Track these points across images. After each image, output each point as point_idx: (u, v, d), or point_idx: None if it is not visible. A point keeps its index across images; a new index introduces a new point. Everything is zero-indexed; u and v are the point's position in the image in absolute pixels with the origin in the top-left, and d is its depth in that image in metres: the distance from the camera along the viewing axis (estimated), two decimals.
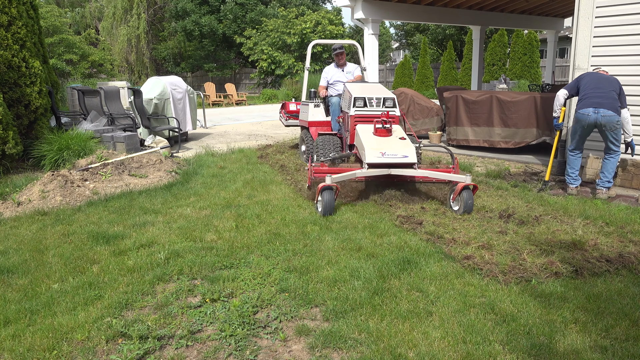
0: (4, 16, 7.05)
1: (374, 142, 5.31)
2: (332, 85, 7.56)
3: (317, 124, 7.49)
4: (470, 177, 4.85)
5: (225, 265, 3.70)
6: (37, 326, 2.87)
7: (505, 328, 2.77)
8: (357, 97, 5.89)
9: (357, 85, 6.34)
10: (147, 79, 10.71)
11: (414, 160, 5.09)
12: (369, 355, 2.54)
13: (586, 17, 6.07)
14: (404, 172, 5.12)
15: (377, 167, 5.11)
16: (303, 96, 8.20)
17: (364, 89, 6.17)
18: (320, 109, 7.55)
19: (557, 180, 6.15)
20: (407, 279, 3.38)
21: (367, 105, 5.89)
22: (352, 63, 7.78)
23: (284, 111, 9.09)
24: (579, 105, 5.50)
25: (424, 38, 26.95)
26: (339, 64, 7.58)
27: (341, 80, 7.44)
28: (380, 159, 5.05)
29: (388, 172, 5.09)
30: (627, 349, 2.57)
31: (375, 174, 5.11)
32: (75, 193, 5.67)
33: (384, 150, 5.11)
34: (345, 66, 7.62)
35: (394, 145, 5.24)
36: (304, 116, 7.76)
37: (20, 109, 7.38)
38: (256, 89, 28.16)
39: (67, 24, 25.71)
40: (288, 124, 8.79)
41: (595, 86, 5.41)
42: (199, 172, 6.97)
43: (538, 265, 3.56)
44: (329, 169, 5.45)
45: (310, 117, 7.49)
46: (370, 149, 5.15)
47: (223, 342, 2.71)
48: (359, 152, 5.53)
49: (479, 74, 14.50)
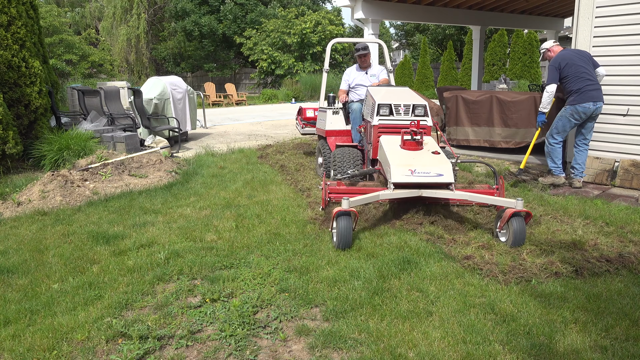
0: (3, 16, 7.05)
1: (401, 157, 4.46)
2: (354, 89, 6.67)
3: (335, 134, 6.62)
4: (522, 202, 4.00)
5: (225, 265, 3.70)
6: (37, 326, 2.87)
7: (505, 328, 2.77)
8: (382, 104, 5.05)
9: (381, 90, 5.50)
10: (147, 79, 10.71)
11: (450, 179, 4.22)
12: (369, 355, 2.54)
13: (586, 17, 6.07)
14: (439, 195, 4.30)
15: (405, 188, 4.30)
16: (321, 101, 7.23)
17: (390, 94, 5.34)
18: (339, 117, 6.68)
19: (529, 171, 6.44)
20: (407, 279, 3.38)
21: (393, 114, 5.05)
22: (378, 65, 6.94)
23: (300, 118, 8.21)
24: (577, 98, 5.56)
25: (423, 38, 26.96)
26: (363, 66, 6.63)
27: (364, 84, 6.54)
28: (409, 177, 4.21)
29: (418, 193, 4.27)
30: (627, 349, 2.57)
31: (403, 195, 4.28)
32: (75, 193, 5.67)
33: (414, 167, 4.25)
34: (370, 68, 6.67)
35: (426, 160, 4.38)
36: (321, 124, 6.88)
37: (20, 109, 7.38)
38: (256, 89, 28.17)
39: (67, 24, 25.71)
40: (304, 132, 7.96)
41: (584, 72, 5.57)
42: (199, 172, 6.97)
43: (538, 265, 3.56)
44: (348, 189, 4.82)
45: (329, 126, 6.62)
46: (397, 165, 4.30)
47: (223, 342, 2.71)
48: (383, 168, 4.71)
49: (479, 74, 14.51)
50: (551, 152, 5.86)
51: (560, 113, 5.75)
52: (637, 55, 5.75)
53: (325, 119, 6.66)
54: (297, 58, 25.12)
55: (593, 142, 6.06)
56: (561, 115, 5.73)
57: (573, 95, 5.58)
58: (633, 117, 5.84)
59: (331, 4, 35.16)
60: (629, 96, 5.84)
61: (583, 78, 5.53)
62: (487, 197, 4.34)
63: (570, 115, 5.62)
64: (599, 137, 6.08)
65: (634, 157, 5.83)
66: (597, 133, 6.10)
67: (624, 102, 5.88)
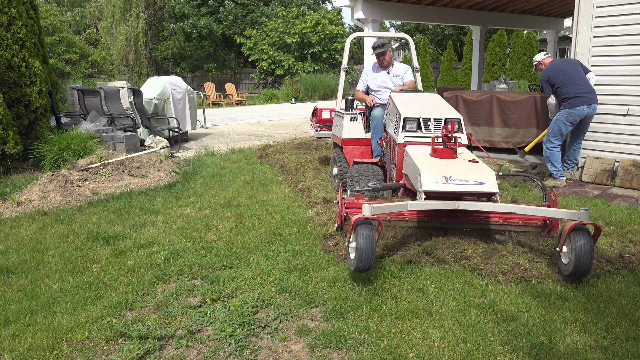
0: (3, 16, 7.04)
1: (433, 163, 3.77)
2: (374, 92, 5.81)
3: (353, 143, 5.79)
4: (588, 212, 3.25)
5: (225, 265, 3.70)
6: (37, 326, 2.87)
7: (505, 328, 2.77)
8: (408, 118, 4.31)
9: (406, 98, 4.75)
10: (147, 79, 10.71)
11: (494, 188, 3.46)
12: (369, 355, 2.54)
13: (586, 17, 6.06)
14: (480, 207, 3.51)
15: (439, 198, 3.58)
16: (337, 104, 6.35)
17: (417, 104, 4.60)
18: (358, 123, 5.79)
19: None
20: (407, 279, 3.37)
21: (421, 129, 4.32)
22: (401, 63, 6.02)
23: (315, 119, 7.59)
24: (571, 102, 5.65)
25: (423, 38, 26.95)
26: (383, 65, 5.78)
27: (387, 86, 5.72)
28: (443, 185, 3.48)
29: (455, 206, 3.47)
30: (627, 349, 2.57)
31: (435, 207, 3.54)
32: (75, 193, 5.67)
33: (449, 174, 3.53)
34: (392, 67, 5.80)
35: (463, 168, 3.66)
36: (337, 131, 6.05)
37: (20, 109, 7.38)
38: (256, 89, 28.14)
39: (67, 24, 25.71)
40: (320, 135, 7.29)
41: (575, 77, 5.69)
42: (199, 172, 6.97)
43: (538, 266, 3.56)
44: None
45: (345, 134, 5.75)
46: (429, 171, 3.59)
47: (223, 342, 2.71)
48: (410, 179, 3.98)
49: (479, 74, 14.50)
50: (550, 156, 5.91)
51: (556, 117, 5.86)
52: (637, 55, 5.75)
53: (342, 126, 5.81)
54: (297, 58, 25.09)
55: (593, 142, 6.08)
56: (556, 119, 5.83)
57: (567, 101, 5.70)
58: (633, 117, 5.84)
59: (331, 3, 35.16)
60: (629, 96, 5.84)
61: (574, 83, 5.66)
62: (541, 210, 3.58)
63: (565, 119, 5.73)
64: (599, 137, 6.08)
65: (634, 157, 5.83)
66: (597, 133, 6.11)
67: (624, 102, 5.89)
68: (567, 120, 5.72)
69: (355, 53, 30.18)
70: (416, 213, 3.83)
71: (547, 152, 5.94)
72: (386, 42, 5.64)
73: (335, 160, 5.96)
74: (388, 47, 5.65)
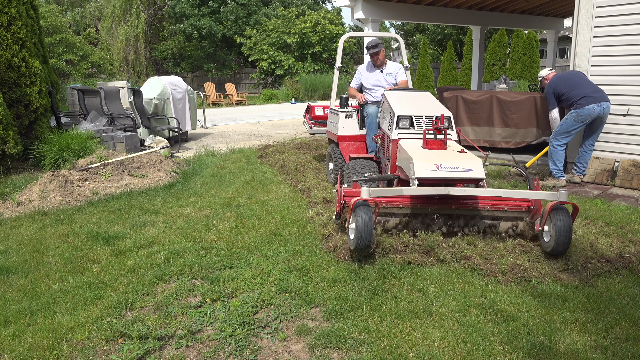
0: (3, 16, 7.04)
1: (425, 153, 4.11)
2: (368, 90, 6.05)
3: (348, 139, 6.03)
4: (566, 193, 3.56)
5: (225, 265, 3.70)
6: (37, 326, 2.87)
7: (505, 328, 2.77)
8: (402, 116, 4.64)
9: (399, 97, 5.04)
10: (147, 79, 10.71)
11: (481, 174, 3.79)
12: (369, 355, 2.54)
13: (586, 17, 6.07)
14: (469, 192, 3.82)
15: (431, 185, 3.88)
16: (332, 101, 6.60)
17: (410, 102, 4.89)
18: (352, 120, 6.01)
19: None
20: (407, 279, 3.38)
21: (414, 126, 4.65)
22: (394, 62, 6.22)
23: (309, 116, 7.74)
24: (581, 102, 5.64)
25: (423, 38, 26.95)
26: (377, 64, 6.00)
27: (380, 84, 5.96)
28: (434, 172, 3.79)
29: (446, 191, 3.76)
30: (627, 349, 2.57)
31: (427, 193, 3.81)
32: (75, 193, 5.67)
33: (440, 162, 3.87)
34: (385, 66, 6.03)
35: (453, 157, 4.02)
36: (332, 128, 6.32)
37: (20, 109, 7.38)
38: (256, 89, 28.15)
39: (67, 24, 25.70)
40: (313, 132, 7.45)
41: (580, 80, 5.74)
42: (199, 172, 6.97)
43: (538, 266, 3.56)
44: None
45: (341, 131, 5.99)
46: (421, 160, 3.92)
47: (223, 342, 2.71)
48: (403, 169, 4.29)
49: (479, 74, 14.51)
50: (553, 154, 5.90)
51: (566, 117, 5.85)
52: (637, 55, 5.75)
53: (337, 123, 6.04)
54: (297, 58, 25.09)
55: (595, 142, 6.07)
56: (566, 118, 5.82)
57: (577, 102, 5.69)
58: (633, 117, 5.84)
59: (331, 3, 35.16)
60: (629, 96, 5.84)
61: (580, 87, 5.68)
62: (524, 192, 3.92)
63: (575, 118, 5.70)
64: (599, 137, 6.07)
65: (634, 157, 5.83)
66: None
67: (624, 102, 5.89)
68: (576, 120, 5.68)
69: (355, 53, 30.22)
70: (410, 200, 4.10)
71: (551, 150, 5.94)
72: (379, 43, 5.86)
73: (331, 156, 6.20)
74: (381, 47, 5.88)
